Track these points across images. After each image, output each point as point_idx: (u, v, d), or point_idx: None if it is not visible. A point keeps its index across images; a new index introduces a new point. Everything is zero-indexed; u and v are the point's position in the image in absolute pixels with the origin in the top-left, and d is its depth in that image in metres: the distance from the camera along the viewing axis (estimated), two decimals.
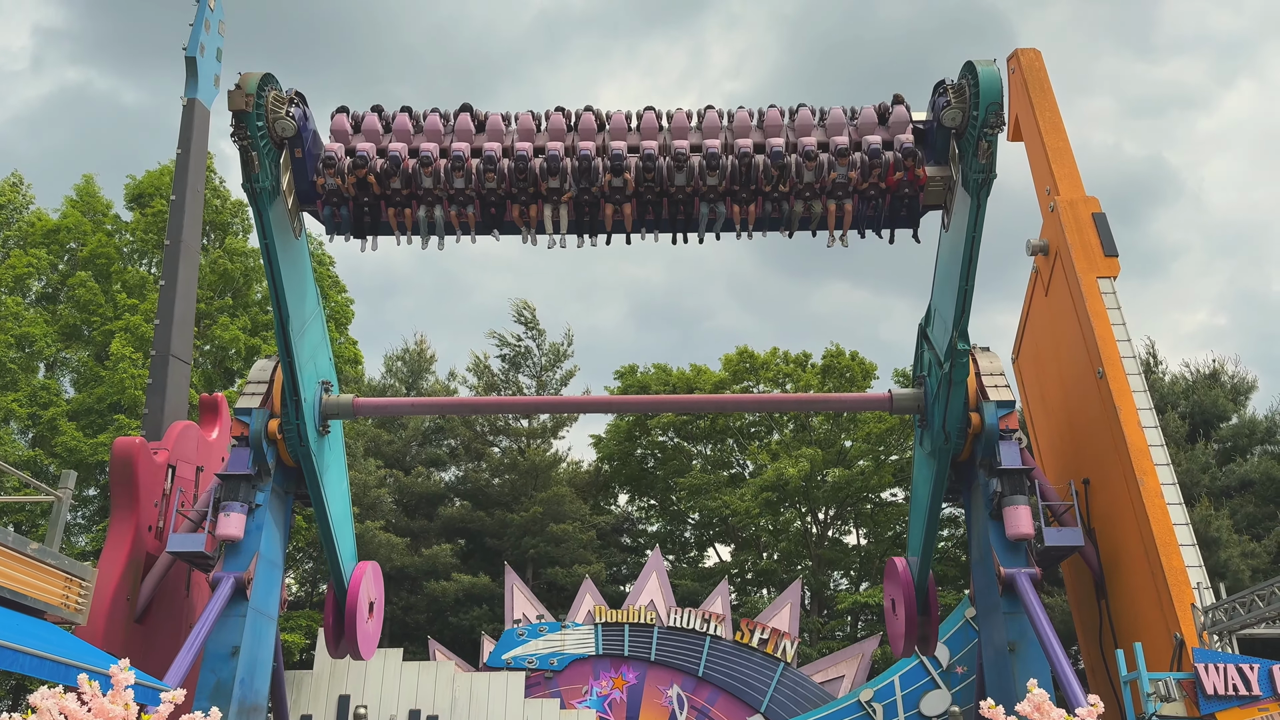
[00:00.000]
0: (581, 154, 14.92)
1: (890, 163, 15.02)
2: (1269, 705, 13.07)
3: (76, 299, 29.79)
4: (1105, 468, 17.81)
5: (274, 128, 14.05)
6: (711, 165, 14.79)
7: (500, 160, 15.00)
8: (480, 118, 15.75)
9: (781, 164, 14.81)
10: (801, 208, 15.28)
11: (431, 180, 15.02)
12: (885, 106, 15.71)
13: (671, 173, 14.93)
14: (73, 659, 9.36)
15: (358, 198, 15.24)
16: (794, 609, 24.97)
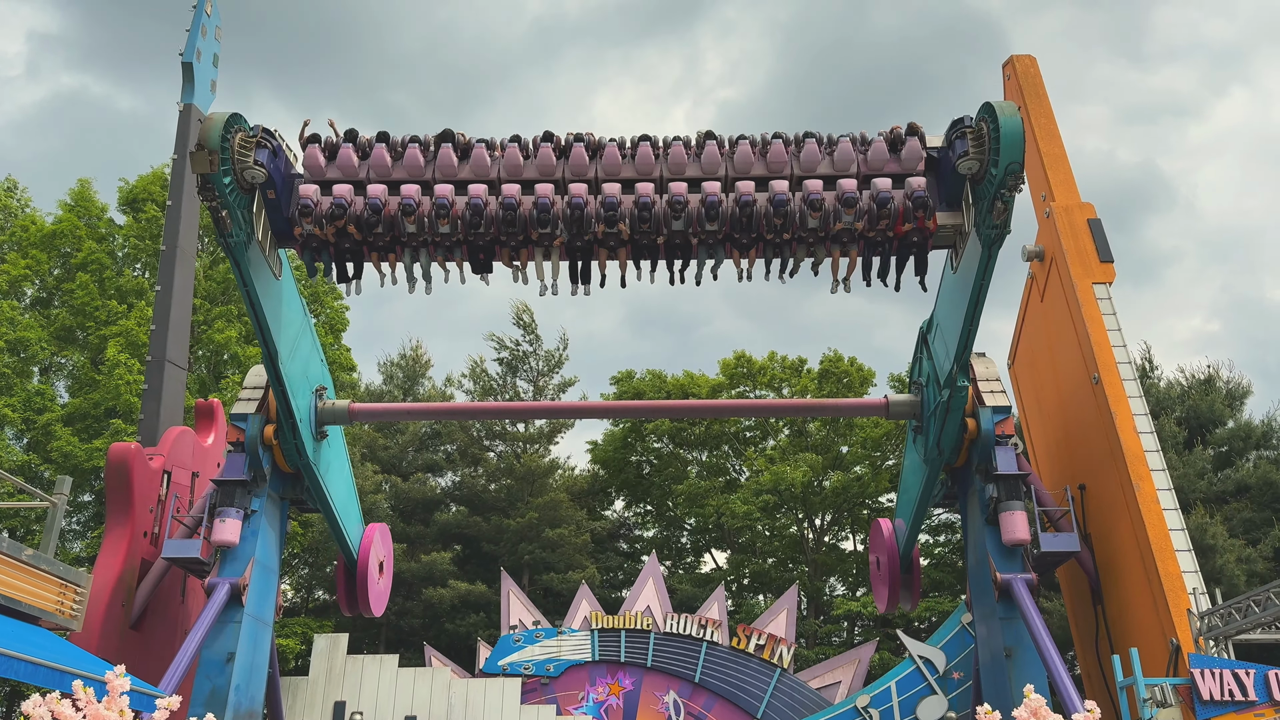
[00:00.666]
0: (574, 202, 14.12)
1: (900, 211, 14.16)
2: (1265, 710, 13.08)
3: (72, 303, 29.75)
4: (1101, 473, 17.83)
5: (242, 178, 13.54)
6: (711, 214, 14.05)
7: (487, 205, 14.20)
8: (463, 144, 14.70)
9: (784, 212, 14.02)
10: (804, 253, 14.67)
11: (415, 226, 14.23)
12: (898, 135, 14.63)
13: (668, 218, 14.20)
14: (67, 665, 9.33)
15: (338, 243, 14.47)
16: (790, 615, 24.95)
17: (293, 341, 16.78)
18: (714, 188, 14.19)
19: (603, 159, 14.54)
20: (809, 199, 14.02)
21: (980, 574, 17.45)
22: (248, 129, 13.84)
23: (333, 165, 14.54)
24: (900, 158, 14.51)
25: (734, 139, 14.72)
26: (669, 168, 14.55)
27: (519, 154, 14.56)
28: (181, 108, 21.68)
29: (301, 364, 17.35)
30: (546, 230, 14.16)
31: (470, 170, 14.59)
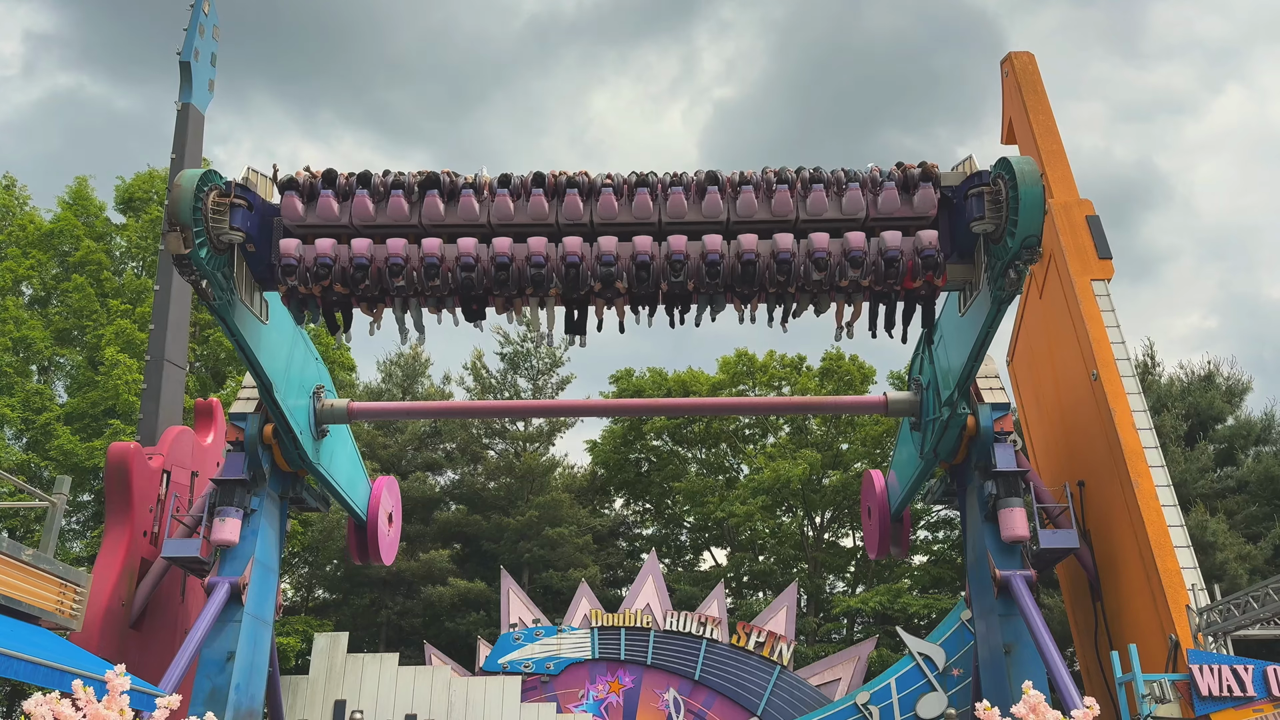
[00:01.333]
0: (569, 260, 13.63)
1: (909, 267, 13.64)
2: (1264, 706, 13.11)
3: (70, 303, 29.75)
4: (1100, 470, 17.85)
5: (217, 243, 13.20)
6: (712, 271, 13.60)
7: (479, 262, 13.67)
8: (449, 187, 13.87)
9: (788, 271, 13.58)
10: (807, 301, 14.34)
11: (405, 281, 13.80)
12: (911, 176, 13.83)
13: (667, 274, 13.79)
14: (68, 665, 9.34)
15: (324, 297, 14.12)
16: (790, 612, 24.96)
17: (285, 360, 16.77)
18: (715, 243, 13.63)
19: (598, 205, 13.80)
20: (814, 257, 13.54)
21: (979, 571, 17.47)
22: (221, 186, 13.33)
23: (312, 212, 13.77)
24: (913, 203, 13.79)
25: (736, 181, 13.96)
26: (668, 213, 13.89)
27: (509, 202, 13.80)
28: (179, 107, 21.67)
29: (297, 374, 17.42)
30: (541, 290, 13.91)
31: (459, 216, 13.90)
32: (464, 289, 13.76)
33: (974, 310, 14.60)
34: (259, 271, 14.26)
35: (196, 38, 21.64)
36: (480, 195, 13.85)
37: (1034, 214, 12.60)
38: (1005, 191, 12.91)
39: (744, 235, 13.77)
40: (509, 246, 13.71)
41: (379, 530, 21.00)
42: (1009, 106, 22.36)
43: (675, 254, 13.60)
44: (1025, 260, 12.82)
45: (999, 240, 13.07)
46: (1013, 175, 12.82)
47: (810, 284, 13.78)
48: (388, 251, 13.66)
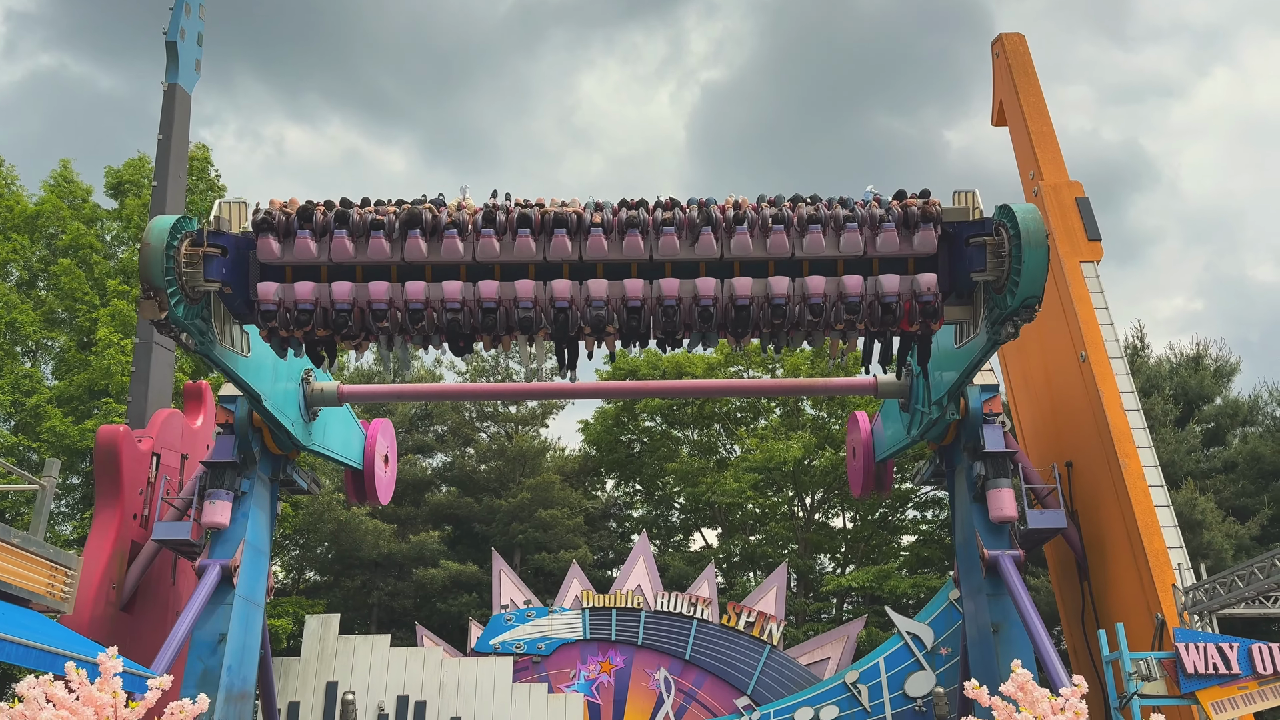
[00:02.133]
0: (558, 305, 13.30)
1: (906, 311, 13.40)
2: (1248, 683, 13.25)
3: (59, 286, 29.57)
4: (1088, 451, 17.96)
5: (192, 294, 12.95)
6: (705, 316, 13.38)
7: (464, 308, 13.39)
8: (430, 225, 13.29)
9: (783, 315, 13.36)
10: (801, 338, 14.15)
11: (389, 324, 13.57)
12: (914, 217, 13.36)
13: (658, 318, 13.51)
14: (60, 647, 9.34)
15: (308, 338, 13.67)
16: (780, 592, 25.10)
17: (272, 362, 16.52)
18: (708, 287, 13.25)
19: (588, 244, 13.33)
20: (809, 302, 13.26)
21: (968, 551, 17.59)
22: (193, 233, 12.94)
23: (289, 252, 13.34)
24: (913, 243, 13.41)
25: (731, 217, 13.43)
26: (659, 253, 13.45)
27: (494, 243, 13.25)
28: (166, 87, 21.51)
29: (285, 369, 17.35)
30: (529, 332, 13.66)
31: (441, 256, 13.42)
32: (450, 329, 13.52)
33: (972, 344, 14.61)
34: (236, 307, 13.82)
35: (182, 17, 21.44)
36: (464, 233, 13.33)
37: (1037, 277, 12.44)
38: (1008, 244, 12.70)
39: (738, 280, 13.36)
40: (495, 290, 13.30)
41: (375, 473, 21.33)
42: (999, 88, 22.35)
43: (667, 299, 13.24)
44: (1024, 319, 12.76)
45: (1000, 290, 12.93)
46: (1017, 232, 12.51)
47: (805, 324, 13.57)
48: (370, 295, 13.23)
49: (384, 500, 22.47)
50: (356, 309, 13.37)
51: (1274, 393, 33.55)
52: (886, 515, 36.88)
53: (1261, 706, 13.26)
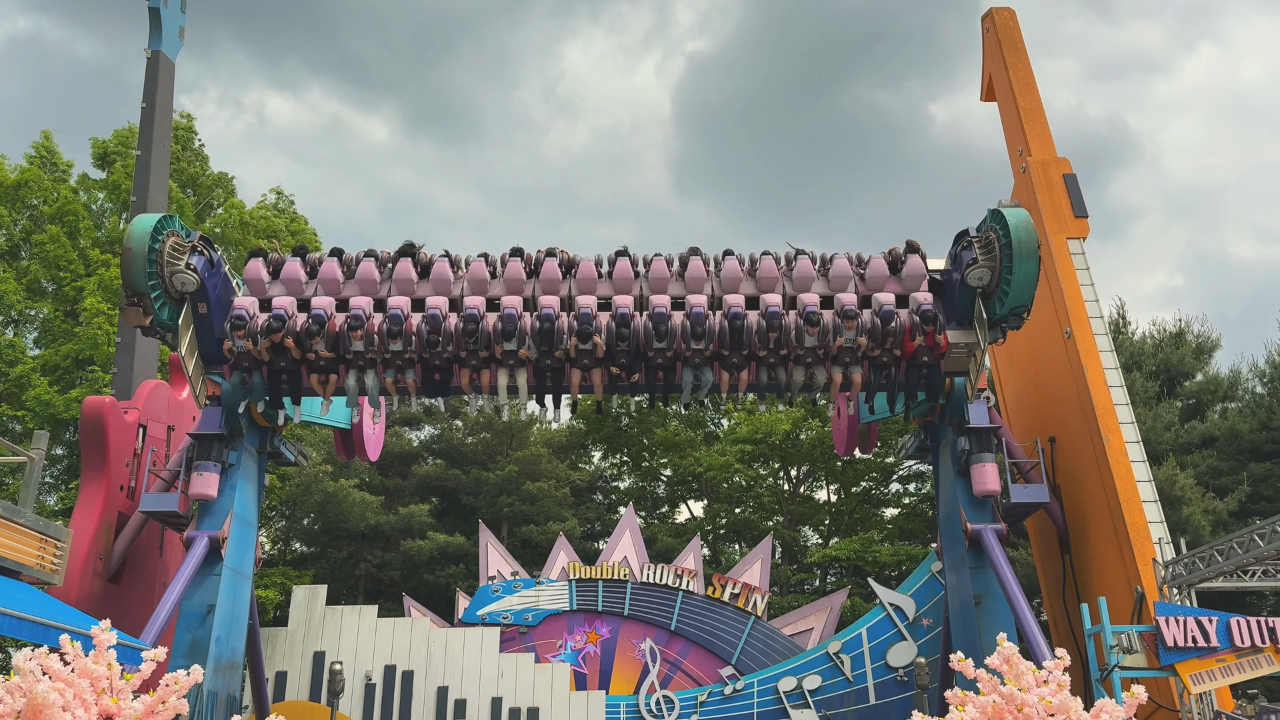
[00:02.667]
0: (544, 313, 12.55)
1: (906, 328, 12.88)
2: (1226, 656, 13.49)
3: (45, 254, 29.31)
4: (1071, 426, 18.13)
5: (170, 283, 12.48)
6: (697, 329, 12.54)
7: (446, 319, 12.68)
8: (424, 261, 13.23)
9: (779, 326, 12.56)
10: (802, 375, 13.26)
11: (363, 343, 12.78)
12: (898, 254, 13.56)
13: (649, 335, 12.74)
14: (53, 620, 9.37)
15: (272, 363, 13.02)
16: (765, 565, 25.31)
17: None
18: (700, 300, 12.83)
19: (577, 276, 13.12)
20: (806, 313, 12.70)
21: (951, 524, 17.77)
22: (179, 231, 12.74)
23: (276, 282, 13.08)
24: (901, 278, 13.32)
25: (720, 256, 13.20)
26: (650, 285, 13.17)
27: (485, 269, 13.06)
28: (149, 54, 21.24)
29: None
30: (512, 346, 12.57)
31: (430, 287, 13.21)
32: (428, 347, 12.54)
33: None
34: (206, 346, 13.17)
35: None
36: (456, 269, 13.08)
37: (1026, 287, 12.54)
38: (999, 250, 12.60)
39: (730, 295, 12.95)
40: (481, 305, 12.76)
41: (364, 431, 21.22)
42: (989, 63, 22.32)
43: (658, 309, 12.58)
44: (1012, 325, 12.82)
45: (990, 297, 12.74)
46: (1009, 240, 12.40)
47: (804, 349, 12.78)
48: (350, 306, 12.64)
49: (373, 456, 22.23)
50: (332, 322, 12.58)
51: (1254, 369, 33.94)
52: (870, 489, 37.18)
53: (1239, 678, 13.51)
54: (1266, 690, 25.27)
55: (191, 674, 7.46)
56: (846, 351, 12.73)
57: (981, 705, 7.39)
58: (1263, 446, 30.14)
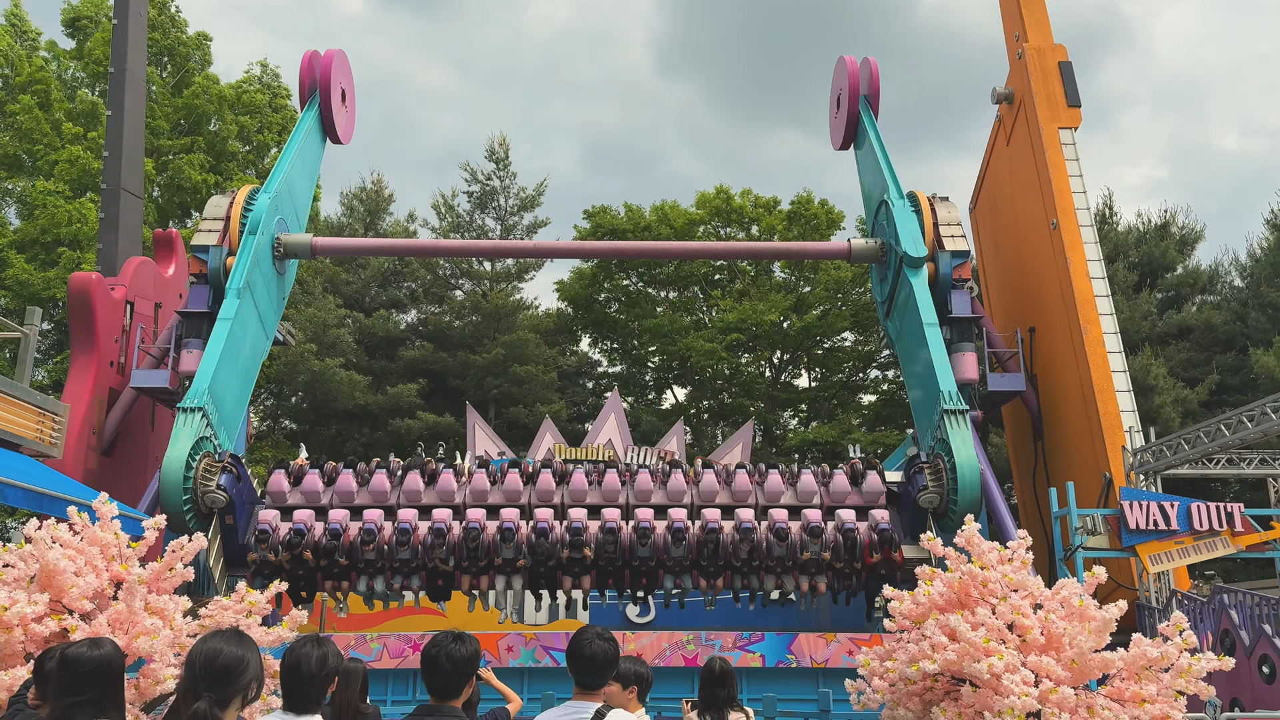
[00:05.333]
0: (539, 528, 14.05)
1: (865, 544, 14.24)
2: (1184, 539, 14.12)
3: (18, 126, 28.68)
4: (1051, 317, 18.43)
5: (202, 502, 13.78)
6: (677, 540, 14.06)
7: (450, 530, 14.06)
8: (431, 469, 14.96)
9: (751, 540, 14.04)
10: (772, 582, 14.54)
11: (375, 554, 14.05)
12: (858, 470, 15.39)
13: (634, 546, 14.16)
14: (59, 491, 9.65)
15: (292, 570, 14.13)
16: (745, 448, 25.86)
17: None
18: (680, 514, 14.40)
19: (569, 485, 14.79)
20: (775, 528, 14.12)
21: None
22: (209, 453, 14.18)
23: (296, 490, 14.67)
24: (861, 491, 15.04)
25: (699, 469, 15.34)
26: (635, 495, 14.84)
27: (486, 480, 14.79)
28: None
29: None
30: (510, 555, 14.03)
31: (436, 495, 14.74)
32: (431, 554, 13.98)
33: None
34: (231, 549, 14.32)
35: None
36: (459, 478, 14.92)
37: (970, 509, 13.84)
38: (945, 471, 14.32)
39: (708, 510, 14.59)
40: (482, 517, 14.27)
41: (333, 109, 20.40)
42: None
43: (643, 523, 14.10)
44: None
45: (942, 515, 14.34)
46: (954, 472, 14.14)
47: (773, 560, 14.17)
48: (363, 521, 14.16)
49: (344, 139, 21.23)
50: (347, 535, 14.06)
51: (1235, 262, 34.22)
52: (849, 377, 37.74)
53: (1195, 559, 14.18)
54: (1223, 572, 26.40)
55: (195, 540, 7.76)
56: (812, 563, 14.27)
57: (949, 580, 7.80)
58: (1235, 339, 30.68)
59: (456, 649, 3.95)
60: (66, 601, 6.74)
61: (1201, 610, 13.12)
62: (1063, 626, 7.10)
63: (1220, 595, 12.86)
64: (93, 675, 3.61)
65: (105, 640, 3.78)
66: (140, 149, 20.76)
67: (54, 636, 6.54)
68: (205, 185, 29.94)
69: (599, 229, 36.63)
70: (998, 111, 21.25)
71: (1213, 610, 12.90)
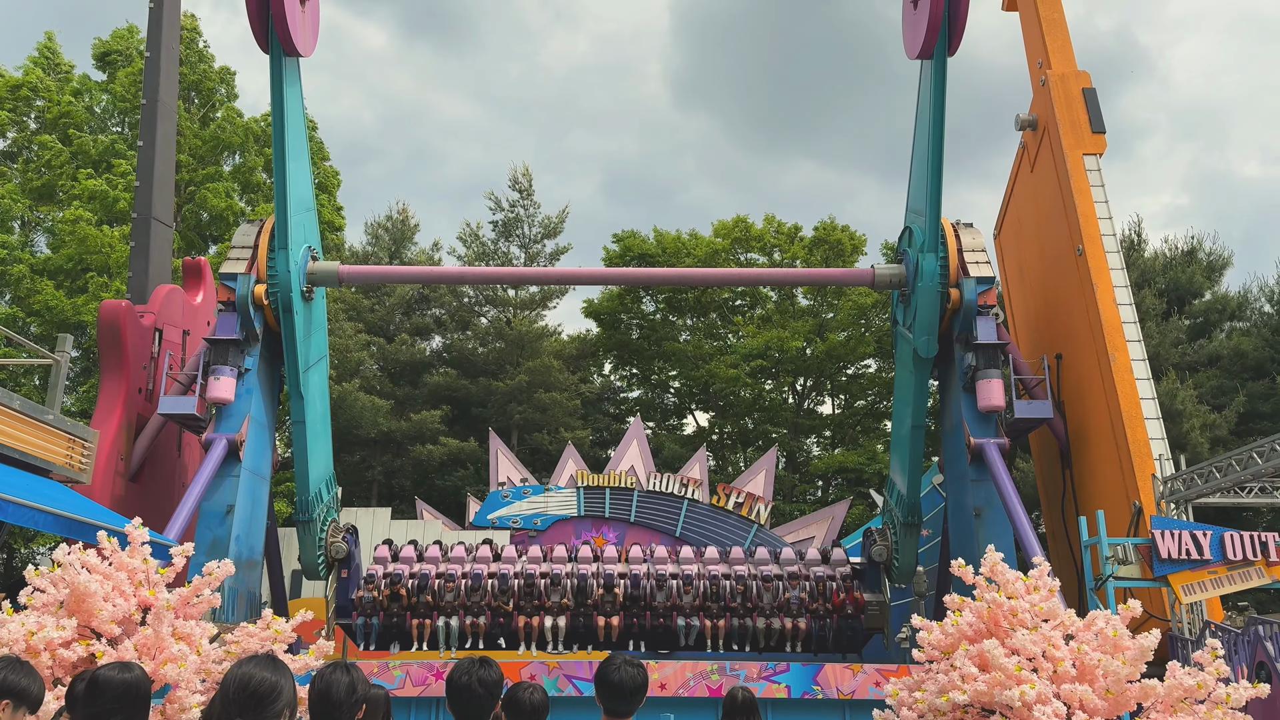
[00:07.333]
0: (580, 575, 17.56)
1: (834, 589, 17.77)
2: (1218, 568, 13.87)
3: (46, 160, 29.21)
4: (1078, 343, 18.27)
5: (330, 550, 17.67)
6: (687, 584, 17.53)
7: (512, 580, 17.47)
8: (497, 550, 18.47)
9: (745, 585, 17.56)
10: (763, 623, 17.50)
11: (453, 594, 17.34)
12: (827, 552, 18.86)
13: (654, 591, 17.51)
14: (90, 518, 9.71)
15: (389, 607, 17.31)
16: (769, 475, 25.76)
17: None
18: (691, 569, 17.90)
19: (602, 558, 18.27)
20: (763, 576, 17.83)
21: (954, 438, 18.04)
22: (336, 520, 18.36)
23: (395, 562, 18.09)
24: (830, 564, 18.53)
25: (703, 548, 19.08)
26: (654, 563, 18.13)
27: (539, 552, 18.37)
28: None
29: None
30: (556, 598, 17.37)
31: (500, 564, 17.99)
32: (497, 598, 17.37)
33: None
34: (341, 600, 17.88)
35: None
36: (520, 551, 18.46)
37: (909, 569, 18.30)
38: (890, 535, 18.37)
39: (710, 561, 18.32)
40: (536, 570, 17.71)
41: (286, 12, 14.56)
42: None
43: (660, 572, 17.74)
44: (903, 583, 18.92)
45: (889, 568, 18.31)
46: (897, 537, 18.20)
47: (763, 603, 17.52)
48: (445, 569, 17.68)
49: (304, 50, 15.55)
50: (433, 579, 17.45)
51: (1264, 288, 33.89)
52: (873, 402, 37.56)
53: (1229, 590, 13.90)
54: (1257, 603, 25.95)
55: (223, 566, 7.78)
56: (794, 604, 17.58)
57: (977, 610, 7.69)
58: (1265, 365, 30.33)
59: (485, 673, 3.96)
60: (95, 626, 6.77)
61: (1236, 641, 12.87)
62: (1096, 658, 6.99)
63: (1255, 626, 12.61)
64: (121, 698, 3.61)
65: (134, 665, 3.79)
66: (171, 178, 21.06)
67: (81, 662, 6.56)
68: (231, 213, 30.32)
69: (627, 252, 36.77)
70: (1021, 138, 21.20)
71: (1247, 641, 12.64)
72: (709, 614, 17.49)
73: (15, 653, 5.92)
